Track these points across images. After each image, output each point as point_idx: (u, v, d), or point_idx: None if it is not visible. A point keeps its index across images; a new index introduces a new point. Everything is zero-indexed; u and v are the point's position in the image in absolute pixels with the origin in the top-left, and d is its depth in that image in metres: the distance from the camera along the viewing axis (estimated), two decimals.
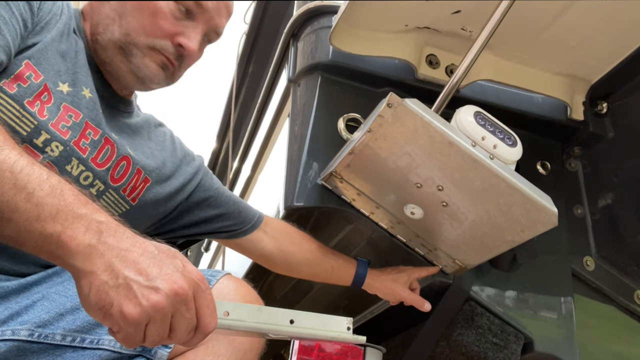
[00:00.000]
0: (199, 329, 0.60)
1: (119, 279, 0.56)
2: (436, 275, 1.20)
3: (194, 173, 1.11)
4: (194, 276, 0.60)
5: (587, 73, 1.25)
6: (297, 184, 1.14)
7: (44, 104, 0.82)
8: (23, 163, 0.61)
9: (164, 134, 1.11)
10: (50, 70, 0.84)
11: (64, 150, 0.83)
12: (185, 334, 0.59)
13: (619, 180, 1.24)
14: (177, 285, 0.57)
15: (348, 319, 0.71)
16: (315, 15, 1.28)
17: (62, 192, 0.60)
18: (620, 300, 1.29)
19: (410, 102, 0.90)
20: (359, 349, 1.32)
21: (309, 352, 1.30)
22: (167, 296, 0.56)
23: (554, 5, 1.06)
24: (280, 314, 0.66)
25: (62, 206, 0.59)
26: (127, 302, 0.55)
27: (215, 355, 0.78)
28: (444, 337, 1.24)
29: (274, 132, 1.61)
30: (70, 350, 0.77)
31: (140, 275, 0.56)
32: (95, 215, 0.59)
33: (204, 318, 0.60)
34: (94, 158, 0.89)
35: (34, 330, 0.75)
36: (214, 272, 0.86)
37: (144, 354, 0.78)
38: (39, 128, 0.80)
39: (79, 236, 0.57)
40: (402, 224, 1.12)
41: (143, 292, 0.56)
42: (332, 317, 0.69)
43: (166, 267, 0.58)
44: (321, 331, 0.68)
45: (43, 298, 0.79)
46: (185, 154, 1.13)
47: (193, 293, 0.59)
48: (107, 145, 0.91)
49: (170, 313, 0.57)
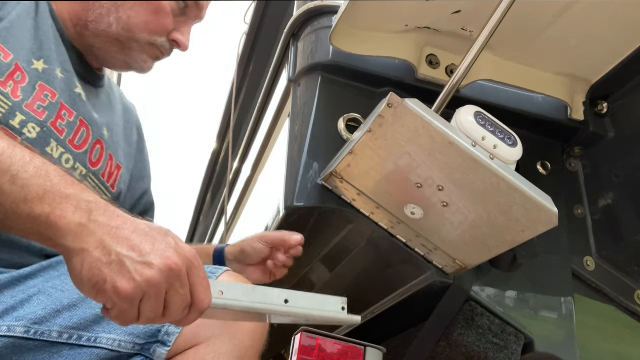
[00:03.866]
0: (194, 306, 0.60)
1: (112, 255, 0.55)
2: (436, 275, 1.20)
3: (142, 180, 1.12)
4: (186, 253, 0.59)
5: (587, 73, 1.25)
6: (298, 184, 1.14)
7: (18, 83, 0.80)
8: (4, 145, 0.60)
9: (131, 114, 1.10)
10: (20, 49, 0.81)
11: (41, 131, 0.81)
12: (179, 311, 0.59)
13: (620, 180, 1.24)
14: (171, 261, 0.57)
15: (343, 299, 0.70)
16: (315, 15, 1.28)
17: (48, 173, 0.59)
18: (620, 300, 1.29)
19: (410, 102, 0.90)
20: (359, 349, 1.32)
21: (309, 352, 1.30)
22: (160, 271, 0.56)
23: (554, 5, 1.06)
24: (275, 294, 0.66)
25: (49, 187, 0.58)
26: (120, 277, 0.55)
27: (215, 353, 0.77)
28: (444, 337, 1.24)
29: (274, 132, 1.61)
30: (67, 348, 0.75)
31: (133, 251, 0.56)
32: (84, 195, 0.59)
33: (198, 295, 0.59)
34: (72, 140, 0.87)
35: (30, 327, 0.74)
36: (215, 268, 0.86)
37: (143, 353, 0.77)
38: (13, 109, 0.78)
39: (69, 215, 0.57)
40: (402, 224, 1.12)
41: (136, 268, 0.55)
42: (326, 297, 0.69)
43: (159, 243, 0.58)
44: (316, 311, 0.67)
45: (39, 292, 0.78)
46: (144, 154, 1.13)
47: (186, 269, 0.58)
48: (83, 127, 0.89)
49: (165, 289, 0.57)
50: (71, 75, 0.89)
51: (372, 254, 1.32)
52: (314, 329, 1.30)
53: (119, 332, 0.76)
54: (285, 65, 1.40)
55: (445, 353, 1.26)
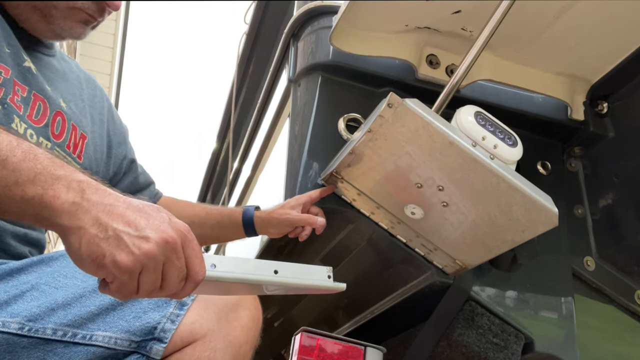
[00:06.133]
0: (189, 278, 0.61)
1: (109, 231, 0.57)
2: (436, 275, 1.20)
3: (120, 142, 1.10)
4: (180, 227, 0.61)
5: (587, 73, 1.25)
6: (298, 184, 1.14)
7: None
8: None
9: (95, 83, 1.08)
10: None
11: (2, 109, 0.81)
12: (177, 283, 0.60)
13: (620, 180, 1.24)
14: (167, 234, 0.58)
15: (328, 267, 0.74)
16: (315, 15, 1.28)
17: (36, 156, 0.60)
18: (620, 300, 1.29)
19: (410, 102, 0.90)
20: (359, 349, 1.32)
21: (309, 352, 1.30)
22: (157, 244, 0.57)
23: (554, 5, 1.06)
24: (265, 265, 0.69)
25: (39, 169, 0.59)
26: (119, 251, 0.56)
27: (211, 350, 0.78)
28: (444, 337, 1.24)
29: (274, 132, 1.61)
30: (62, 345, 0.75)
31: (129, 226, 0.57)
32: (74, 176, 0.60)
33: (193, 266, 0.61)
34: (30, 115, 0.86)
35: (24, 323, 0.74)
36: None
37: (139, 350, 0.77)
38: None
39: (62, 195, 0.57)
40: (402, 224, 1.12)
41: (134, 242, 0.57)
42: (313, 267, 0.73)
43: (153, 218, 0.59)
44: (304, 280, 0.71)
45: (32, 288, 0.78)
46: (114, 117, 1.11)
47: (181, 242, 0.60)
48: (38, 101, 0.87)
49: (162, 261, 0.58)
50: (17, 50, 0.86)
51: (372, 254, 1.32)
52: (314, 329, 1.30)
53: (114, 329, 0.76)
54: (285, 65, 1.40)
55: (445, 353, 1.26)
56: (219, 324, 0.80)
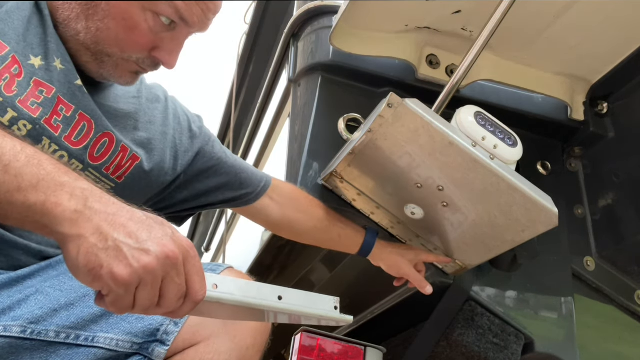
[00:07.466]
0: (189, 297, 0.59)
1: (109, 241, 0.55)
2: (436, 275, 1.20)
3: (190, 143, 1.04)
4: (183, 242, 0.59)
5: (587, 73, 1.25)
6: (298, 184, 1.14)
7: (15, 77, 0.77)
8: None
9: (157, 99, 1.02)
10: (17, 41, 0.77)
11: (32, 129, 0.78)
12: (175, 300, 0.58)
13: (620, 180, 1.24)
14: (168, 249, 0.56)
15: (336, 298, 0.70)
16: (315, 15, 1.28)
17: (40, 162, 0.58)
18: (620, 300, 1.29)
19: (410, 102, 0.90)
20: (359, 349, 1.32)
21: (309, 352, 1.30)
22: (157, 258, 0.55)
23: (554, 5, 1.06)
24: (269, 290, 0.66)
25: (43, 175, 0.57)
26: (117, 263, 0.54)
27: (215, 352, 0.77)
28: (444, 337, 1.24)
29: (274, 132, 1.61)
30: (65, 347, 0.75)
31: (130, 238, 0.55)
32: (78, 183, 0.58)
33: (193, 285, 0.59)
34: (68, 136, 0.83)
35: (26, 326, 0.74)
36: (215, 265, 0.85)
37: (141, 352, 0.76)
38: (4, 105, 0.75)
39: (64, 202, 0.56)
40: (402, 224, 1.12)
41: (134, 254, 0.55)
42: (319, 296, 0.69)
43: (155, 231, 0.57)
44: (309, 309, 0.68)
45: (37, 292, 0.77)
46: (180, 122, 1.04)
47: (183, 259, 0.58)
48: (83, 121, 0.84)
49: (161, 277, 0.56)
50: (72, 67, 0.83)
51: None
52: (314, 329, 1.30)
53: (116, 331, 0.76)
54: (285, 65, 1.40)
55: (445, 353, 1.26)
56: (225, 326, 0.79)
